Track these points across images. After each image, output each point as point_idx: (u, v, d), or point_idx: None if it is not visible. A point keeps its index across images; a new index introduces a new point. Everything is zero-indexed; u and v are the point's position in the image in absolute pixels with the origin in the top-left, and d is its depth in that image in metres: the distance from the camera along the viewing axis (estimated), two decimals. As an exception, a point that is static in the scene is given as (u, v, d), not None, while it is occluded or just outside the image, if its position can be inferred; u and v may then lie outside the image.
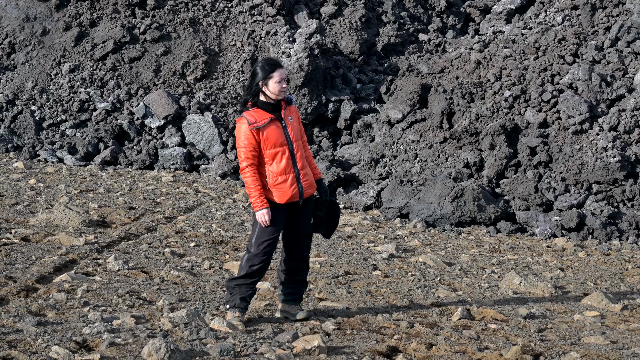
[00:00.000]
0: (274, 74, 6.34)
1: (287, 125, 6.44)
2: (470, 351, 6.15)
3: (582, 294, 8.84)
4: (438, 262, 9.95)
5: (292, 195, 6.42)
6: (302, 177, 6.46)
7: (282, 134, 6.39)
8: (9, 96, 18.28)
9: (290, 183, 6.40)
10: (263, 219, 6.33)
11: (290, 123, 6.47)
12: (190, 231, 10.85)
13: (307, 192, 6.50)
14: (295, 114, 6.57)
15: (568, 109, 15.10)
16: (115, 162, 17.27)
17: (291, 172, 6.40)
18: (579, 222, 13.10)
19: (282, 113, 6.45)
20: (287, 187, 6.39)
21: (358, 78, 19.22)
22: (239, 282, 6.47)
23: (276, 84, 6.36)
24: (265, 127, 6.34)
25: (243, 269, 6.46)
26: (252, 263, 6.41)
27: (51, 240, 9.32)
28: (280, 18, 19.74)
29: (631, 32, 16.89)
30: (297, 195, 6.43)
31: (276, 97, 6.39)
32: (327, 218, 6.74)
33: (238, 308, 6.48)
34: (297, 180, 6.43)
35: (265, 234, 6.40)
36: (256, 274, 6.47)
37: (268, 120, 6.35)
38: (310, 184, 6.53)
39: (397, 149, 16.17)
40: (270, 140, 6.34)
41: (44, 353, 5.30)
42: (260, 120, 6.34)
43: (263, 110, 6.39)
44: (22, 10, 19.53)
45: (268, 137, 6.34)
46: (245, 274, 6.45)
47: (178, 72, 18.75)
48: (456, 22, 21.30)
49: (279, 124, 6.40)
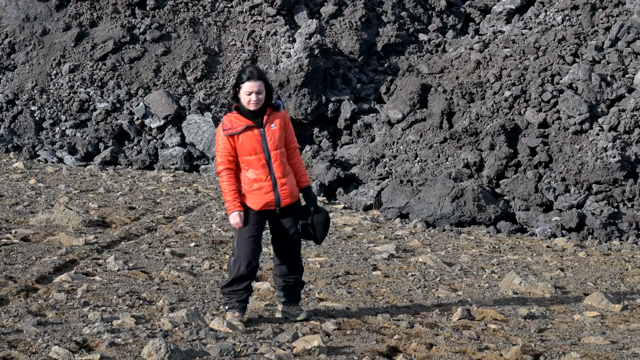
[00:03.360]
0: (243, 84, 6.25)
1: (267, 133, 6.32)
2: (470, 351, 6.15)
3: (582, 294, 8.83)
4: (438, 262, 9.95)
5: (266, 203, 6.36)
6: (280, 186, 6.36)
7: (259, 142, 6.29)
8: (9, 96, 18.28)
9: (266, 191, 6.34)
10: (234, 221, 6.33)
11: (272, 131, 6.33)
12: (190, 231, 10.85)
13: (284, 201, 6.40)
14: (281, 120, 6.41)
15: (568, 109, 15.10)
16: (115, 162, 17.27)
17: (267, 180, 6.33)
18: (579, 222, 13.09)
19: (264, 119, 6.33)
20: (262, 194, 6.34)
21: (358, 78, 19.22)
22: (232, 287, 6.48)
23: (244, 94, 6.26)
24: (240, 134, 6.28)
25: (231, 274, 6.46)
26: (238, 266, 6.39)
27: (51, 240, 9.32)
28: (280, 18, 19.74)
29: (631, 32, 16.89)
30: (272, 203, 6.37)
31: (246, 107, 6.28)
32: (314, 226, 6.60)
33: (237, 309, 6.49)
34: (273, 189, 6.35)
35: (243, 237, 6.38)
36: (246, 278, 6.45)
37: (243, 127, 6.26)
38: (289, 193, 6.41)
39: (397, 149, 16.17)
40: (245, 148, 6.29)
41: (44, 353, 5.30)
42: (235, 126, 6.28)
43: (242, 116, 6.31)
44: (22, 10, 19.53)
45: (243, 144, 6.29)
46: (234, 278, 6.44)
47: (178, 72, 18.76)
48: (456, 22, 21.31)
49: (256, 132, 6.30)
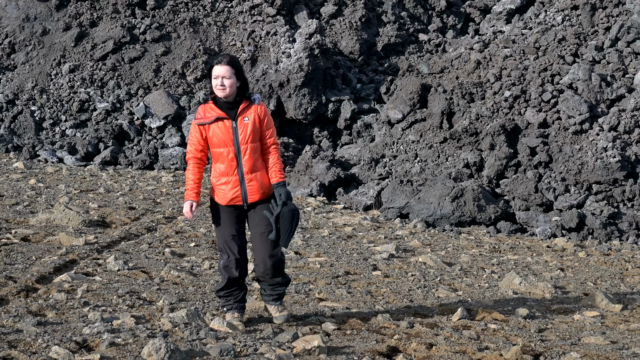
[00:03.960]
0: (211, 70, 6.16)
1: (239, 126, 6.16)
2: (470, 351, 6.15)
3: (582, 294, 8.84)
4: (438, 262, 9.95)
5: (232, 199, 6.22)
6: (248, 182, 6.20)
7: (229, 135, 6.15)
8: (9, 96, 18.28)
9: (232, 186, 6.20)
10: (185, 210, 6.21)
11: (244, 124, 6.16)
12: (190, 231, 10.86)
13: (252, 197, 6.22)
14: (256, 115, 6.22)
15: (568, 109, 15.10)
16: (115, 162, 17.27)
17: (234, 174, 6.19)
18: (579, 222, 13.10)
19: (237, 111, 6.19)
20: (228, 189, 6.21)
21: (358, 78, 19.22)
22: (227, 290, 6.42)
23: (213, 79, 6.14)
24: (211, 124, 6.17)
25: (224, 277, 6.37)
26: (228, 268, 6.31)
27: (51, 240, 9.32)
28: (280, 18, 19.74)
29: (631, 32, 16.89)
30: (239, 199, 6.22)
31: (216, 93, 6.15)
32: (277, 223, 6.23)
33: (236, 309, 6.46)
34: (240, 184, 6.19)
35: (225, 237, 6.29)
36: (238, 277, 6.35)
37: (214, 118, 6.15)
38: (257, 189, 6.22)
39: (397, 149, 16.17)
40: (214, 139, 6.18)
41: (44, 353, 5.30)
42: (208, 116, 6.17)
43: (217, 107, 6.19)
44: (22, 10, 19.53)
45: (213, 135, 6.17)
46: (227, 281, 6.36)
47: (178, 72, 18.76)
48: (456, 22, 21.31)
49: (228, 123, 6.16)
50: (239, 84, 6.21)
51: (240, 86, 6.22)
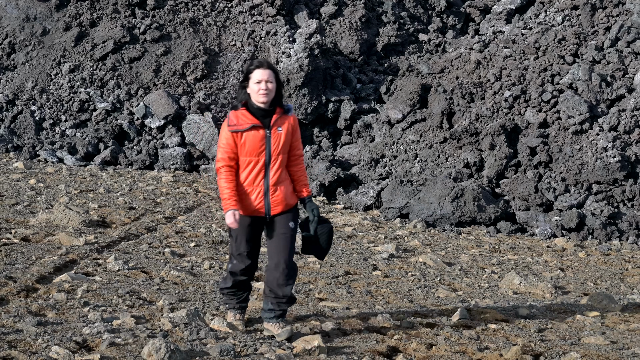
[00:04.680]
0: (252, 73, 5.93)
1: (272, 136, 5.96)
2: (470, 351, 6.15)
3: (582, 294, 8.84)
4: (438, 262, 9.95)
5: (255, 210, 6.02)
6: (272, 193, 6.01)
7: (262, 144, 5.94)
8: (9, 96, 18.28)
9: (256, 196, 6.00)
10: (229, 221, 5.94)
11: (278, 134, 5.97)
12: (190, 231, 10.85)
13: (275, 209, 6.03)
14: (289, 125, 6.04)
15: (568, 109, 15.10)
16: (115, 162, 17.27)
17: (260, 184, 5.99)
18: (579, 222, 13.10)
19: (272, 120, 5.97)
20: (252, 200, 6.00)
21: (358, 78, 19.23)
22: (231, 289, 6.34)
23: (254, 84, 5.91)
24: (245, 132, 5.92)
25: (229, 280, 6.27)
26: (236, 271, 6.20)
27: (51, 240, 9.32)
28: (280, 18, 19.74)
29: (631, 32, 16.89)
30: (262, 210, 6.02)
31: (256, 99, 5.93)
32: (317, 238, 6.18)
33: (237, 310, 6.39)
34: (264, 195, 6.00)
35: (235, 243, 6.14)
36: (245, 281, 6.28)
37: (249, 125, 5.92)
38: (281, 201, 6.04)
39: (397, 149, 16.17)
40: (246, 148, 5.94)
41: (44, 353, 5.30)
42: (242, 123, 5.93)
43: (250, 114, 5.97)
44: (22, 10, 19.53)
45: (245, 143, 5.93)
46: (232, 284, 6.28)
47: (178, 72, 18.76)
48: (456, 22, 21.31)
49: (262, 132, 5.94)
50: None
51: (277, 92, 6.05)
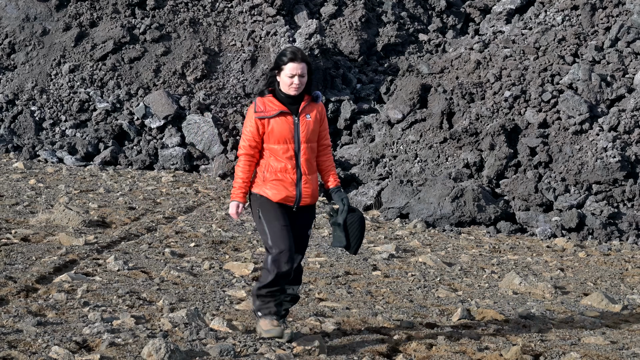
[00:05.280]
0: (285, 66, 5.71)
1: (301, 123, 5.78)
2: (470, 351, 6.15)
3: (582, 294, 8.84)
4: (438, 262, 9.95)
5: (286, 197, 5.77)
6: (304, 183, 5.79)
7: (290, 131, 5.75)
8: (9, 96, 18.28)
9: (289, 184, 5.76)
10: (232, 211, 5.77)
11: (306, 121, 5.79)
12: (190, 231, 10.85)
13: (304, 200, 5.82)
14: (317, 113, 5.86)
15: (568, 109, 15.10)
16: (115, 162, 17.27)
17: (292, 172, 5.77)
18: (579, 222, 13.10)
19: (300, 107, 5.80)
20: (283, 187, 5.76)
21: (358, 78, 19.23)
22: (270, 288, 5.82)
23: (286, 77, 5.72)
24: (272, 119, 5.74)
25: (271, 273, 5.75)
26: (279, 262, 5.70)
27: (51, 241, 9.32)
28: (280, 18, 19.74)
29: (631, 32, 16.89)
30: (292, 199, 5.79)
31: (286, 91, 5.75)
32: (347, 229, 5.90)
33: (274, 315, 5.88)
34: (296, 185, 5.78)
35: (271, 227, 5.74)
36: (285, 275, 5.76)
37: (278, 112, 5.74)
38: (310, 193, 5.83)
39: (397, 149, 16.17)
40: (274, 135, 5.74)
41: (44, 353, 5.30)
42: (269, 110, 5.75)
43: (278, 101, 5.79)
44: (22, 10, 19.53)
45: (272, 130, 5.74)
46: (275, 277, 5.75)
47: (178, 72, 18.76)
48: (456, 22, 21.31)
49: (290, 119, 5.76)
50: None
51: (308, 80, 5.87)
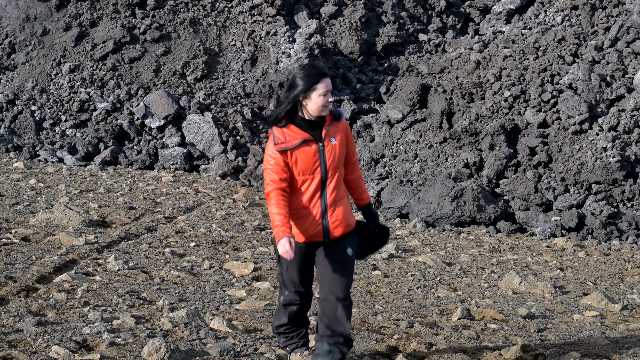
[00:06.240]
0: (318, 85, 5.05)
1: (326, 148, 5.13)
2: (470, 351, 6.15)
3: (582, 294, 8.84)
4: (438, 262, 9.95)
5: (314, 234, 5.19)
6: (330, 214, 5.18)
7: (316, 159, 5.11)
8: (9, 96, 18.29)
9: (312, 219, 5.16)
10: (283, 250, 4.93)
11: (332, 146, 5.15)
12: (190, 231, 10.85)
13: (335, 231, 5.21)
14: (342, 132, 5.23)
15: (568, 109, 15.10)
16: (115, 162, 17.27)
17: (317, 206, 5.16)
18: (578, 222, 13.10)
19: (322, 132, 5.15)
20: (308, 223, 5.17)
21: (358, 78, 19.23)
22: (288, 328, 5.48)
23: (320, 97, 5.05)
24: (295, 149, 5.08)
25: (283, 315, 5.42)
26: (288, 302, 5.38)
27: (51, 240, 9.32)
28: (280, 18, 19.75)
29: (631, 32, 16.89)
30: (319, 234, 5.19)
31: (319, 113, 5.10)
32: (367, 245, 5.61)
33: (302, 347, 5.53)
34: (322, 217, 5.17)
35: (286, 272, 5.31)
36: (300, 316, 5.44)
37: (300, 141, 5.08)
38: (340, 221, 5.23)
39: (397, 149, 16.17)
40: (299, 166, 5.10)
41: (44, 353, 5.30)
42: (289, 139, 5.08)
43: (298, 128, 5.13)
44: (22, 10, 19.53)
45: (297, 162, 5.10)
46: (289, 319, 5.43)
47: (178, 72, 18.76)
48: (456, 22, 21.31)
49: (314, 146, 5.11)
50: None
51: None
